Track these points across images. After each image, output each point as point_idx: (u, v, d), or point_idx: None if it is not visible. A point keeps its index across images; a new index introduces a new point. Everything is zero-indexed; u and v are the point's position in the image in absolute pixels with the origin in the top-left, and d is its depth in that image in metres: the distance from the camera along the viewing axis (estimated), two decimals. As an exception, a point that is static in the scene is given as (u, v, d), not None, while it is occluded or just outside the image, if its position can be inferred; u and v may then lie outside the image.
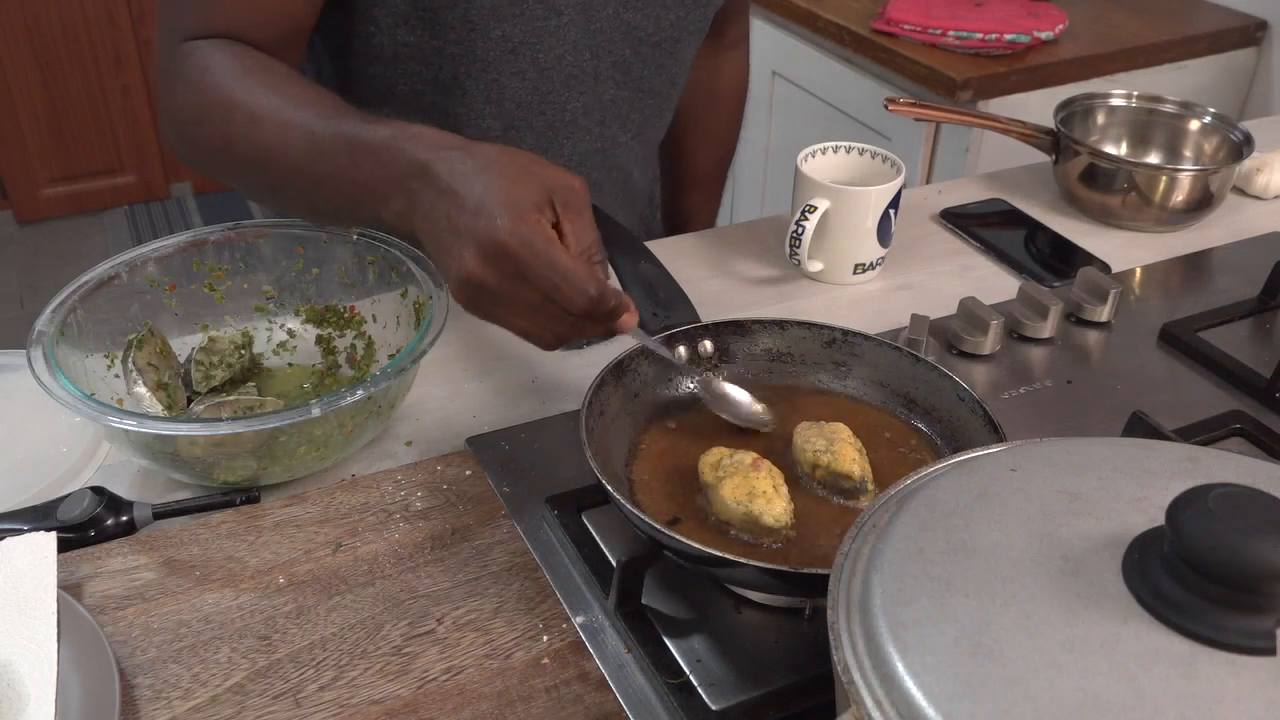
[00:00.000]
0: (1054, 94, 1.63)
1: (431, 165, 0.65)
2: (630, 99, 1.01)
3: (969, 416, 0.70)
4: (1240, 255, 1.08)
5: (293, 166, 0.73)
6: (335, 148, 0.71)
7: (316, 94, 0.77)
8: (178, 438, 0.70)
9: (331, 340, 0.87)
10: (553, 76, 0.95)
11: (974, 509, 0.46)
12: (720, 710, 0.59)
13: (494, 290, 0.64)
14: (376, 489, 0.76)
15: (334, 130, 0.71)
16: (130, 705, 0.60)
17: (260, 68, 0.78)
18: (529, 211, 0.63)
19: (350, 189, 0.70)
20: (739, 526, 0.65)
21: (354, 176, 0.70)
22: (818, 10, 1.93)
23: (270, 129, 0.74)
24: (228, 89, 0.77)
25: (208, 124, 0.78)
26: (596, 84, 0.97)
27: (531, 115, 0.97)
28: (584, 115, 0.99)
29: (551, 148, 1.00)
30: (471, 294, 0.64)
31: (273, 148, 0.74)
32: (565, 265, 0.62)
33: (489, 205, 0.62)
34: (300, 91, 0.76)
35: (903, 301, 1.00)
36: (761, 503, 0.64)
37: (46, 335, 0.73)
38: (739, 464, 0.66)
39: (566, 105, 0.97)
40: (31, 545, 0.66)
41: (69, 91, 3.13)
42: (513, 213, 0.62)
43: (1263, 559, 0.37)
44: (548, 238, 0.63)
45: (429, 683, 0.62)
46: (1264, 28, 1.88)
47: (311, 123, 0.73)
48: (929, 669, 0.39)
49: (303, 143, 0.72)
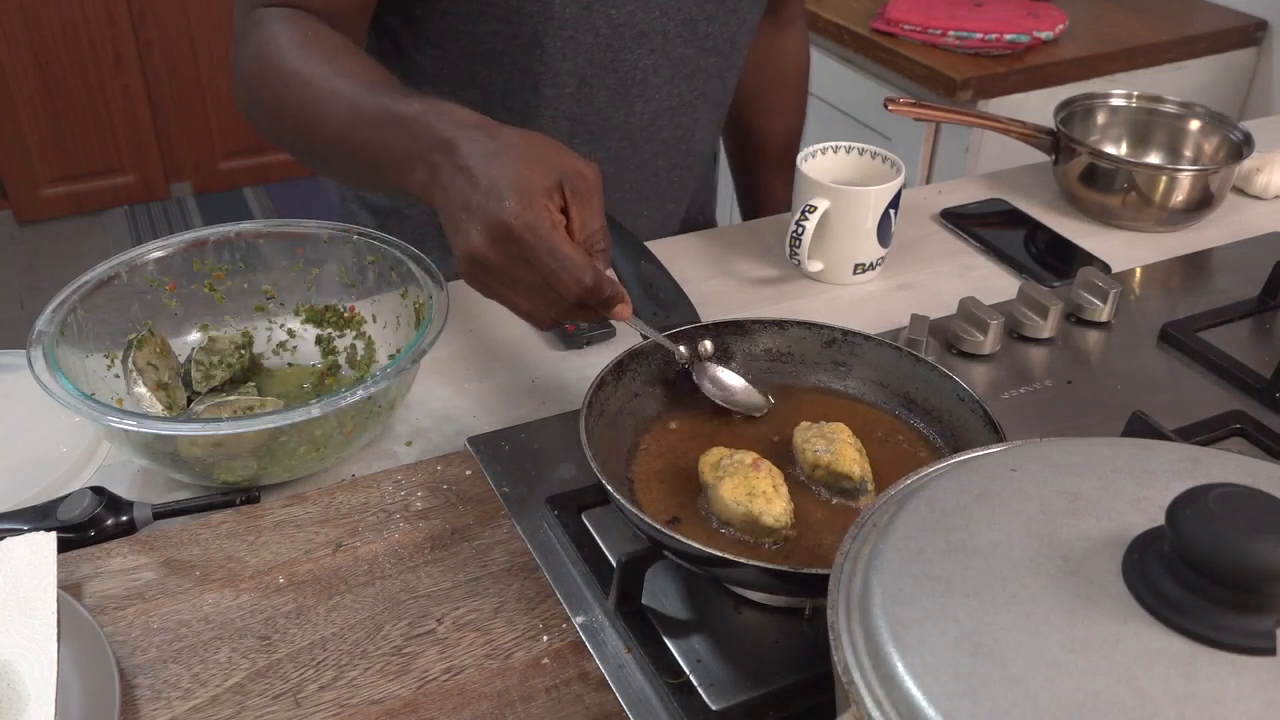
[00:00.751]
0: (1054, 94, 1.63)
1: (454, 142, 0.68)
2: (696, 57, 1.04)
3: (969, 416, 0.70)
4: (1240, 255, 1.08)
5: (335, 133, 0.77)
6: (372, 118, 0.75)
7: (365, 65, 0.81)
8: (178, 438, 0.70)
9: (331, 340, 0.87)
10: (625, 33, 0.98)
11: (974, 509, 0.46)
12: (720, 710, 0.59)
13: (497, 269, 0.66)
14: (376, 489, 0.76)
15: (373, 102, 0.75)
16: (130, 705, 0.60)
17: (319, 39, 0.83)
18: (538, 196, 0.65)
19: (381, 158, 0.74)
20: (739, 526, 0.65)
21: (386, 145, 0.73)
22: (818, 10, 1.93)
23: (319, 96, 0.78)
24: (288, 56, 0.81)
25: (267, 88, 0.83)
26: (665, 41, 1.00)
27: (605, 73, 1.00)
28: (654, 74, 1.02)
29: (624, 106, 1.02)
30: (476, 271, 0.67)
31: (319, 114, 0.78)
32: (565, 252, 0.64)
33: (500, 187, 0.65)
34: (351, 63, 0.81)
35: (903, 301, 1.00)
36: (761, 503, 0.64)
37: (46, 335, 0.73)
38: (739, 464, 0.66)
39: (638, 63, 1.00)
40: (31, 545, 0.66)
41: (69, 91, 3.13)
42: (522, 196, 0.64)
43: (1263, 559, 0.37)
44: (552, 223, 0.65)
45: (429, 683, 0.62)
46: (1264, 28, 1.88)
47: (356, 93, 0.77)
48: (929, 669, 0.39)
49: (346, 111, 0.76)
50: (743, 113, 1.25)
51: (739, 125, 1.27)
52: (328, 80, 0.79)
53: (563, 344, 0.91)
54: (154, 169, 3.36)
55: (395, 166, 0.73)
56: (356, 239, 0.85)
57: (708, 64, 1.06)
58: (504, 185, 0.65)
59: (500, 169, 0.66)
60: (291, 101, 0.80)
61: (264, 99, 0.84)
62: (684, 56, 1.03)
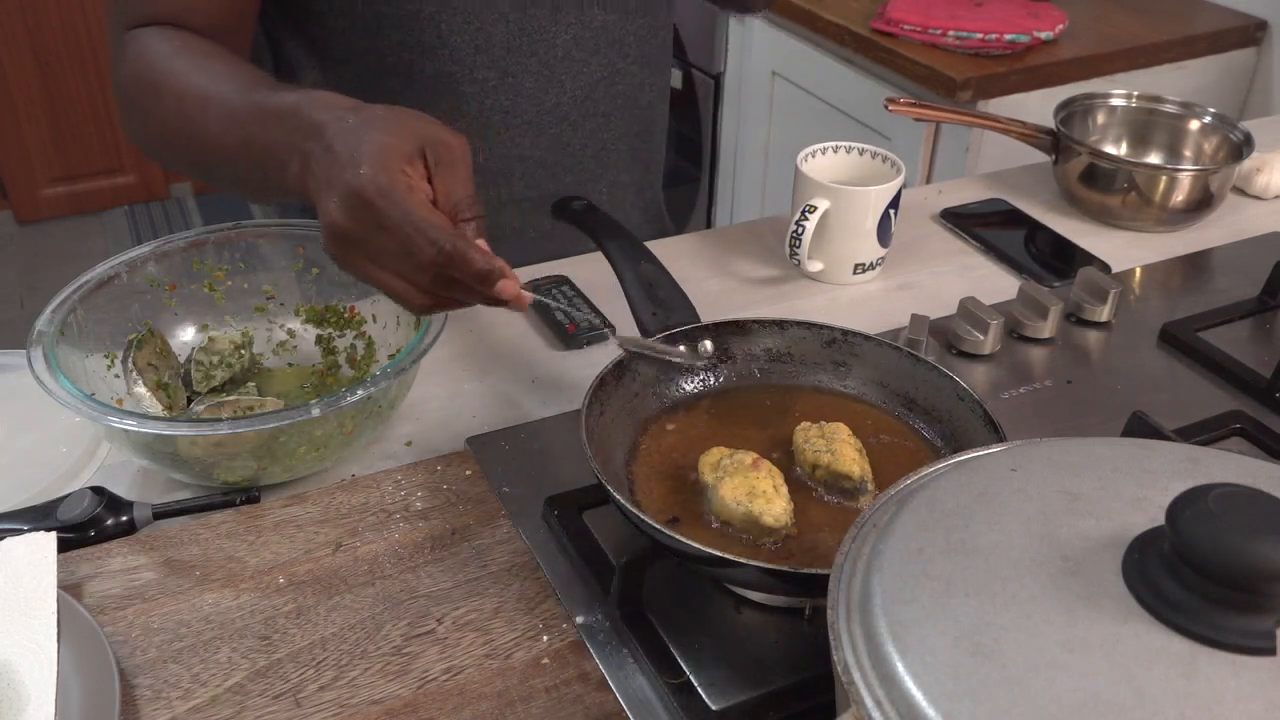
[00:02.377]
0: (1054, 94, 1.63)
1: (324, 125, 0.67)
2: (620, 23, 1.01)
3: (969, 416, 0.70)
4: (1240, 255, 1.08)
5: (214, 139, 0.75)
6: (248, 117, 0.73)
7: (239, 68, 0.78)
8: (178, 438, 0.70)
9: (331, 340, 0.87)
10: (536, 14, 0.96)
11: (974, 509, 0.46)
12: (720, 710, 0.59)
13: (356, 240, 0.65)
14: (376, 489, 0.76)
15: (247, 100, 0.73)
16: (130, 705, 0.60)
17: (191, 49, 0.80)
18: (393, 161, 0.64)
19: (259, 156, 0.72)
20: (739, 526, 0.65)
21: (264, 143, 0.71)
22: (818, 10, 1.93)
23: (193, 104, 0.76)
24: (159, 70, 0.79)
25: (142, 105, 0.80)
26: (581, 12, 0.98)
27: (524, 58, 0.97)
28: (577, 47, 1.00)
29: (552, 86, 1.00)
30: (338, 246, 0.66)
31: (196, 121, 0.76)
32: (419, 215, 0.63)
33: (356, 157, 0.64)
34: (224, 67, 0.78)
35: (903, 301, 1.00)
36: (761, 503, 0.64)
37: (46, 335, 0.73)
38: (739, 464, 0.66)
39: (557, 40, 0.98)
40: (31, 545, 0.66)
41: (69, 91, 3.13)
42: (376, 163, 0.63)
43: (1263, 559, 0.37)
44: (407, 187, 0.64)
45: (429, 683, 0.62)
46: (1264, 28, 1.88)
47: (230, 95, 0.74)
48: (929, 669, 0.39)
49: (221, 115, 0.74)
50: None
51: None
52: (199, 87, 0.77)
53: (563, 344, 0.91)
54: (154, 169, 3.36)
55: (272, 162, 0.71)
56: (356, 239, 0.85)
57: (635, 27, 1.03)
58: (360, 154, 0.64)
59: (359, 140, 0.65)
60: (168, 114, 0.78)
61: (141, 117, 0.81)
62: (605, 24, 1.00)
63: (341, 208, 0.64)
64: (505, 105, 0.99)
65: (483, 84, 0.97)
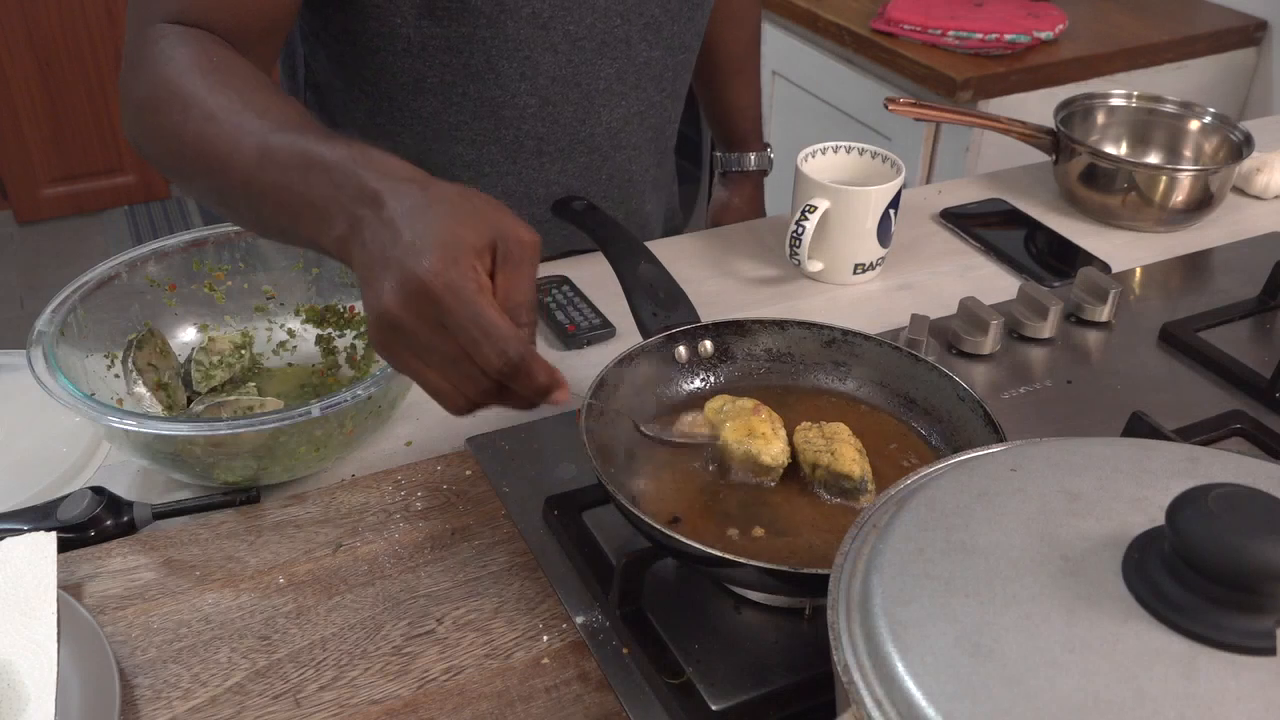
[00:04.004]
0: (1054, 94, 1.63)
1: (382, 195, 0.60)
2: (662, 59, 1.02)
3: (969, 416, 0.70)
4: (1240, 255, 1.08)
5: (242, 173, 0.69)
6: (289, 160, 0.66)
7: (280, 101, 0.73)
8: (178, 438, 0.70)
9: (331, 340, 0.87)
10: (585, 46, 0.95)
11: (974, 509, 0.46)
12: (720, 710, 0.59)
13: (409, 334, 0.58)
14: (376, 489, 0.76)
15: (289, 142, 0.67)
16: (130, 705, 0.60)
17: (226, 67, 0.75)
18: (465, 255, 0.57)
19: (296, 205, 0.65)
20: (739, 465, 0.68)
21: (303, 193, 0.65)
22: (818, 10, 1.93)
23: (225, 129, 0.70)
24: (190, 83, 0.73)
25: (163, 114, 0.74)
26: (629, 48, 0.98)
27: (567, 88, 0.97)
28: (618, 81, 0.99)
29: (589, 118, 1.00)
30: (386, 335, 0.58)
31: (224, 150, 0.69)
32: (490, 319, 0.56)
33: (423, 242, 0.57)
34: (264, 98, 0.72)
35: (903, 301, 1.00)
36: (760, 443, 0.68)
37: (46, 335, 0.73)
38: (741, 409, 0.71)
39: (600, 73, 0.98)
40: (31, 545, 0.66)
41: (69, 91, 3.13)
42: (446, 253, 0.57)
43: (1263, 559, 0.37)
44: (478, 286, 0.57)
45: (429, 683, 0.62)
46: (1264, 28, 1.88)
47: (268, 131, 0.68)
48: (929, 669, 0.39)
49: (255, 150, 0.68)
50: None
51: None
52: (235, 114, 0.70)
53: (563, 344, 0.91)
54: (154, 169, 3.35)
55: (310, 215, 0.64)
56: (356, 239, 0.85)
57: (674, 63, 1.03)
58: (427, 240, 0.57)
59: (426, 224, 0.58)
60: (191, 133, 0.71)
61: (158, 128, 0.74)
62: (649, 60, 1.00)
63: (399, 295, 0.56)
64: (541, 132, 0.99)
65: (522, 110, 0.97)
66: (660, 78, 1.03)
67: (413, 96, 0.95)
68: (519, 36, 0.91)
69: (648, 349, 0.75)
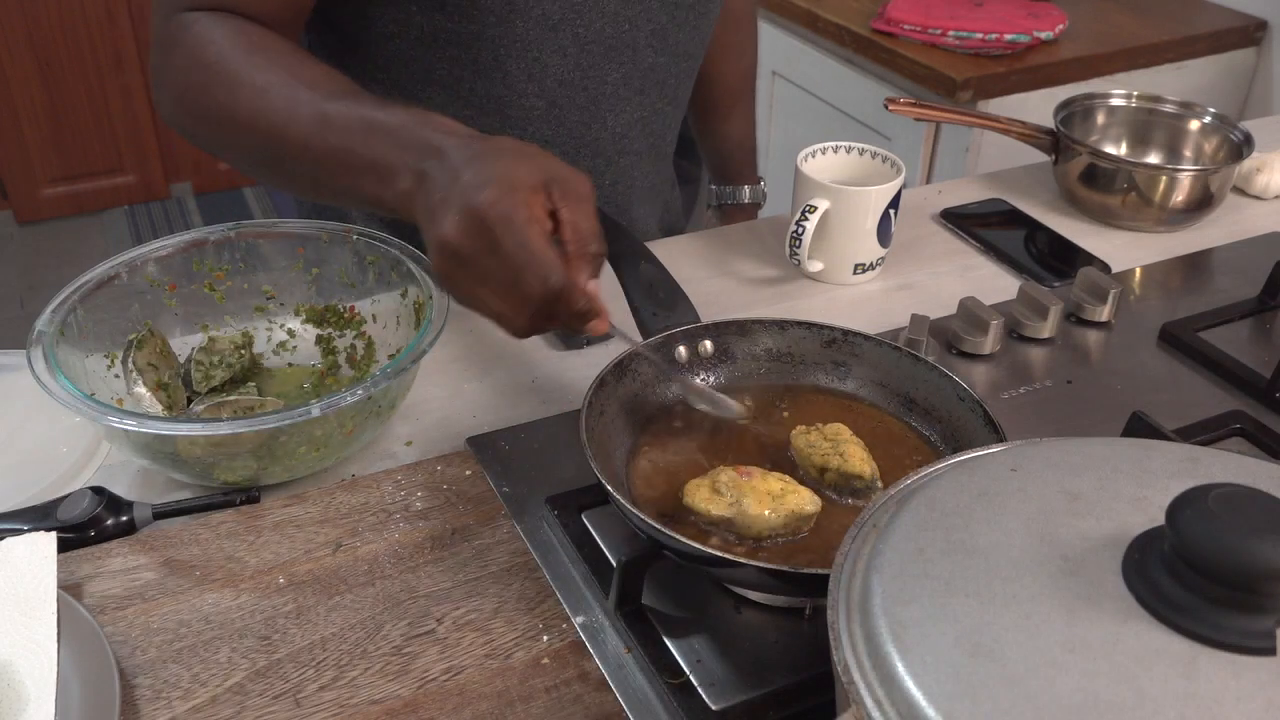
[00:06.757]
0: (1054, 94, 1.63)
1: (444, 148, 0.67)
2: (668, 65, 1.02)
3: (969, 416, 0.70)
4: (1240, 255, 1.08)
5: (299, 141, 0.74)
6: (348, 125, 0.72)
7: (326, 72, 0.78)
8: (178, 438, 0.70)
9: (331, 340, 0.87)
10: (593, 50, 0.96)
11: (974, 509, 0.46)
12: (720, 710, 0.59)
13: (467, 260, 0.64)
14: (376, 489, 0.76)
15: (346, 109, 0.73)
16: (130, 705, 0.60)
17: (267, 45, 0.79)
18: (519, 190, 0.63)
19: (358, 166, 0.71)
20: (784, 531, 0.65)
21: (364, 154, 0.71)
22: (818, 10, 1.93)
23: (279, 103, 0.75)
24: (234, 62, 0.78)
25: (209, 95, 0.78)
26: (635, 53, 0.98)
27: (574, 91, 0.97)
28: (624, 86, 1.00)
29: (595, 122, 1.00)
30: (447, 263, 0.65)
31: (280, 121, 0.75)
32: (535, 246, 0.62)
33: (481, 178, 0.64)
34: (310, 71, 0.78)
35: (903, 301, 1.00)
36: (793, 498, 0.64)
37: (46, 335, 0.73)
38: (734, 482, 0.65)
39: (607, 77, 0.98)
40: (31, 545, 0.66)
41: (69, 91, 3.13)
42: (502, 187, 0.63)
43: (1263, 559, 0.37)
44: (529, 217, 0.63)
45: (429, 683, 0.62)
46: (1264, 28, 1.88)
47: (322, 100, 0.74)
48: (929, 669, 0.39)
49: (312, 118, 0.74)
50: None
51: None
52: (287, 87, 0.76)
53: (563, 344, 0.91)
54: (154, 169, 3.36)
55: (372, 174, 0.70)
56: (356, 239, 0.85)
57: (679, 70, 1.04)
58: (485, 177, 0.64)
59: (485, 164, 0.65)
60: (243, 109, 0.77)
61: (204, 108, 0.79)
62: (655, 65, 1.01)
63: (459, 225, 0.63)
64: (547, 135, 0.99)
65: (529, 111, 0.97)
66: (664, 84, 1.03)
67: (421, 88, 0.96)
68: (528, 37, 0.92)
69: (648, 349, 0.75)
